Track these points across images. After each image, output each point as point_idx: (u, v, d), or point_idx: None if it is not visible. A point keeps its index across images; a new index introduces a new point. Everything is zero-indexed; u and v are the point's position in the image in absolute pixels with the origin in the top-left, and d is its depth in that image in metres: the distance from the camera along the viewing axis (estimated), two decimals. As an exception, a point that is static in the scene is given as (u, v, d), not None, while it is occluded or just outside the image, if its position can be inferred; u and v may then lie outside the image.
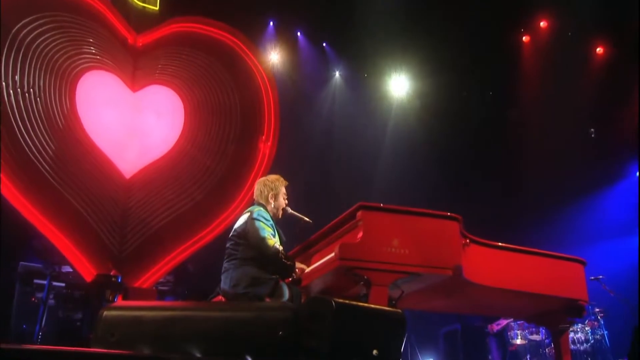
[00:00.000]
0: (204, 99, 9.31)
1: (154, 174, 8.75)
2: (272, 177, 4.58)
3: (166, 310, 3.04)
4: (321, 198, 9.89)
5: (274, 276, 4.08)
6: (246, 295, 3.95)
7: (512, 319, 8.16)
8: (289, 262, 4.10)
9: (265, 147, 9.34)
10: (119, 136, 8.65)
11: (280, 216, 4.52)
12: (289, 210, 4.66)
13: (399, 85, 11.75)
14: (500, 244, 4.61)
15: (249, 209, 4.41)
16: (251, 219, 4.19)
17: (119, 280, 7.02)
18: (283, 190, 4.52)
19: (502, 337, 8.42)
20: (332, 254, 3.89)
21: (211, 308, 3.17)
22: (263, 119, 9.55)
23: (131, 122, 8.82)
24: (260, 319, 2.91)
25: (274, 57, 10.83)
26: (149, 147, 8.88)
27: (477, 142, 10.71)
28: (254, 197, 4.58)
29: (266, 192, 4.46)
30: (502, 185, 10.52)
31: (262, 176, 5.87)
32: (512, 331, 8.23)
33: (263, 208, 4.36)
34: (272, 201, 4.44)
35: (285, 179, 4.63)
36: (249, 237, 4.13)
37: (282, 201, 4.50)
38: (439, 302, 5.02)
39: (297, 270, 4.28)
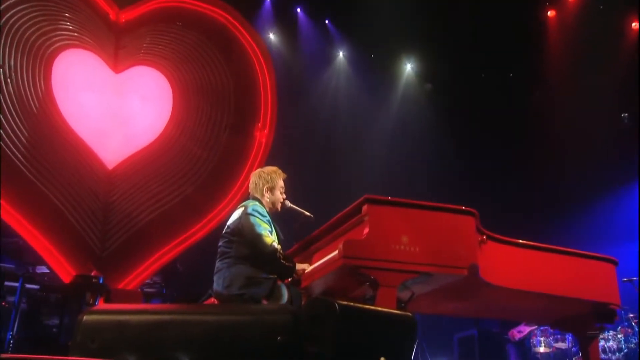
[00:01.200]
0: (194, 81, 9.32)
1: (139, 165, 8.77)
2: (269, 168, 4.59)
3: (153, 314, 3.06)
4: (323, 191, 9.89)
5: (271, 276, 4.08)
6: (241, 297, 3.95)
7: (535, 326, 8.16)
8: (288, 264, 4.11)
9: (262, 135, 9.36)
10: (100, 122, 8.66)
11: (278, 210, 4.52)
12: (288, 204, 4.66)
13: (409, 67, 11.73)
14: (520, 241, 4.61)
15: (243, 203, 4.41)
16: (245, 215, 4.19)
17: (101, 282, 7.06)
18: (280, 183, 4.52)
19: (523, 344, 8.43)
20: (335, 252, 3.89)
21: (203, 311, 3.19)
22: (259, 104, 9.56)
23: (113, 106, 8.83)
24: (257, 323, 2.93)
25: (271, 35, 10.82)
26: (134, 134, 8.89)
27: (495, 130, 10.70)
28: (249, 190, 4.58)
29: (261, 185, 4.46)
30: (523, 177, 10.52)
31: (258, 167, 5.86)
32: (535, 338, 8.22)
33: (258, 202, 4.36)
34: (267, 194, 4.45)
35: (283, 170, 4.64)
36: (244, 234, 4.13)
37: (279, 195, 4.50)
38: (453, 304, 5.03)
39: (297, 270, 4.28)
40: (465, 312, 5.68)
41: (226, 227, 4.36)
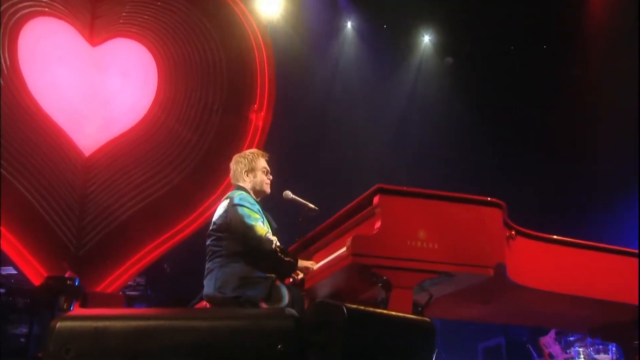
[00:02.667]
0: (181, 56, 9.31)
1: (119, 151, 8.78)
2: (247, 150, 4.66)
3: (137, 319, 3.06)
4: (329, 181, 9.92)
5: (269, 275, 4.09)
6: (236, 300, 3.96)
7: (577, 335, 8.15)
8: (287, 258, 4.11)
9: (258, 117, 9.35)
10: (74, 102, 8.67)
11: (267, 192, 4.50)
12: (290, 195, 4.67)
13: (427, 39, 11.69)
14: (555, 236, 4.61)
15: (228, 194, 4.43)
16: (232, 206, 4.21)
17: (76, 284, 7.08)
18: (261, 163, 4.53)
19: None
20: (343, 249, 3.91)
21: (193, 316, 3.19)
22: (255, 83, 9.55)
23: (90, 84, 8.83)
24: (255, 329, 2.94)
25: (269, 4, 10.77)
26: (113, 116, 8.90)
27: (525, 111, 10.67)
28: (231, 179, 4.60)
29: (239, 170, 4.50)
30: (556, 164, 10.49)
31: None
32: (572, 348, 8.23)
33: (244, 191, 4.37)
34: (248, 179, 4.47)
35: (284, 157, 4.66)
36: (233, 229, 4.14)
37: (263, 176, 4.50)
38: (477, 309, 5.04)
39: (301, 268, 4.31)
40: (491, 317, 5.70)
41: (212, 223, 4.37)
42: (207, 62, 9.36)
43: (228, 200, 4.31)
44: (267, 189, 4.53)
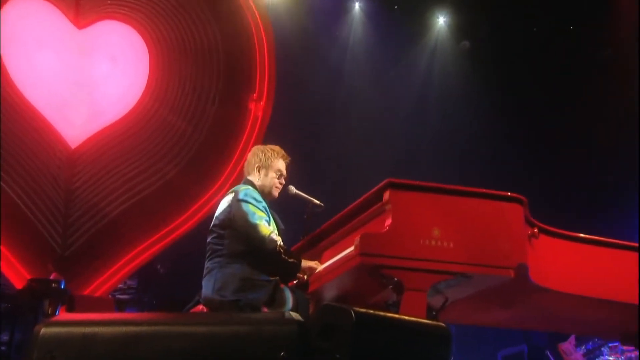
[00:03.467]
0: (175, 40, 9.31)
1: (109, 143, 8.79)
2: (270, 146, 4.63)
3: (128, 325, 3.08)
4: (336, 175, 9.93)
5: (272, 278, 4.11)
6: (236, 304, 3.98)
7: (599, 342, 8.14)
8: (291, 260, 4.12)
9: (258, 107, 9.35)
10: (59, 90, 8.68)
11: (275, 196, 4.52)
12: (293, 190, 4.69)
13: (441, 21, 11.67)
14: (581, 235, 4.60)
15: (234, 188, 4.44)
16: (237, 202, 4.22)
17: (62, 287, 7.09)
18: (277, 165, 4.53)
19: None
20: (351, 248, 3.91)
21: (189, 321, 3.20)
22: (254, 69, 9.54)
23: (76, 70, 8.83)
24: (256, 335, 2.95)
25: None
26: (102, 105, 8.91)
27: (549, 99, 10.63)
28: (244, 169, 4.62)
29: (253, 162, 4.51)
30: (583, 156, 10.44)
31: (254, 146, 5.86)
32: (602, 357, 8.20)
33: (251, 186, 4.38)
34: (258, 175, 4.48)
35: (286, 149, 4.66)
36: (236, 226, 4.15)
37: (274, 179, 4.51)
38: (496, 313, 5.04)
39: (304, 269, 4.31)
40: (511, 322, 5.70)
41: (214, 218, 4.39)
42: (202, 47, 9.35)
43: (233, 195, 4.31)
44: (275, 194, 4.54)
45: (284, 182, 4.57)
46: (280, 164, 4.54)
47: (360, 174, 9.32)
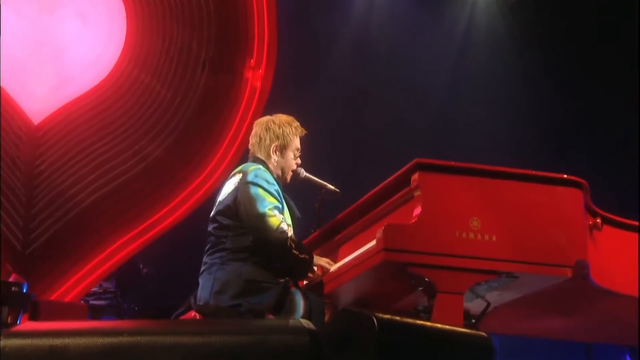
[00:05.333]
0: (158, -5, 9.29)
1: (79, 118, 8.76)
2: (282, 117, 4.62)
3: (105, 335, 3.07)
4: (353, 159, 9.92)
5: (281, 279, 4.13)
6: (237, 310, 4.00)
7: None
8: (303, 256, 4.15)
9: (255, 76, 9.32)
10: (19, 55, 8.67)
11: (287, 181, 4.55)
12: (304, 173, 4.71)
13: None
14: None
15: (240, 167, 4.47)
16: (245, 184, 4.23)
17: (24, 291, 7.12)
18: (296, 142, 4.56)
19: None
20: (373, 243, 3.91)
21: (179, 331, 3.19)
22: (251, 32, 9.50)
23: (39, 31, 8.82)
24: (261, 347, 2.95)
25: None
26: (70, 73, 8.89)
27: (615, 70, 10.53)
28: (249, 146, 4.63)
29: (268, 141, 4.50)
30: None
31: (251, 120, 5.85)
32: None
33: (263, 166, 4.40)
34: (275, 156, 4.49)
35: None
36: (241, 214, 4.18)
37: (292, 160, 4.54)
38: (549, 322, 5.03)
39: (317, 268, 4.34)
40: (568, 334, 5.67)
41: (218, 203, 4.42)
42: (189, 4, 9.33)
43: (240, 176, 4.34)
44: (289, 178, 4.58)
45: (299, 162, 4.61)
46: (298, 142, 4.58)
47: (383, 155, 9.33)
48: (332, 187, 4.73)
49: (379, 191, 4.29)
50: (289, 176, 4.56)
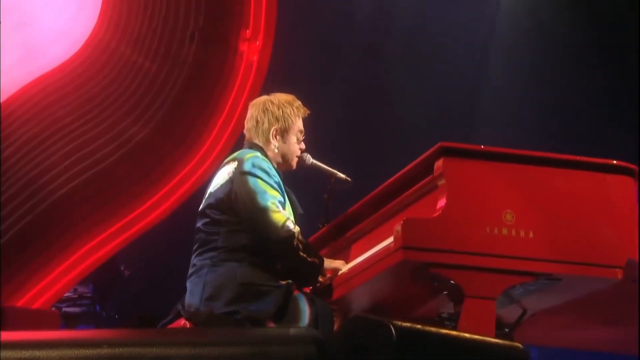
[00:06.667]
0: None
1: (50, 95, 8.79)
2: (281, 97, 4.64)
3: (81, 347, 3.09)
4: (366, 143, 9.92)
5: (283, 282, 4.13)
6: (232, 317, 4.01)
7: None
8: (312, 259, 4.15)
9: (252, 49, 9.31)
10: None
11: (292, 167, 4.56)
12: (310, 159, 4.74)
13: None
14: None
15: (235, 154, 4.48)
16: (240, 175, 4.24)
17: (-13, 297, 7.16)
18: (299, 124, 4.59)
19: None
20: (390, 240, 3.91)
21: (166, 341, 3.22)
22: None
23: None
24: (260, 359, 2.97)
25: None
26: (39, 43, 8.92)
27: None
28: (245, 131, 4.64)
29: (267, 124, 4.51)
30: None
31: (247, 100, 5.84)
32: None
33: (261, 153, 4.40)
34: (276, 141, 4.50)
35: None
36: (238, 209, 4.18)
37: (295, 145, 4.56)
38: (595, 332, 5.05)
39: (327, 271, 4.35)
40: (618, 346, 5.61)
41: (208, 196, 4.43)
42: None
43: (235, 164, 4.34)
44: (294, 164, 4.59)
45: (304, 147, 4.62)
46: (300, 123, 4.61)
47: (402, 139, 9.33)
48: (342, 175, 4.74)
49: (396, 180, 4.30)
50: (294, 162, 4.59)
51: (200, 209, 4.41)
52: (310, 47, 10.12)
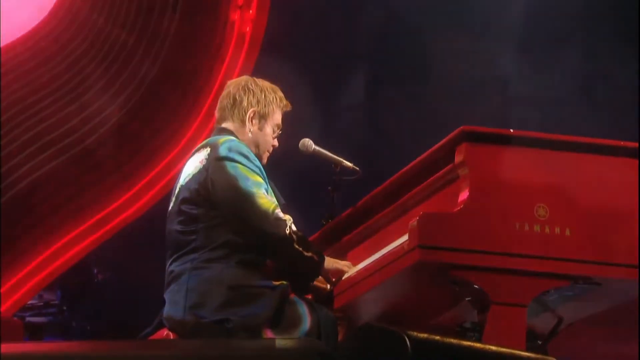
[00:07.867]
0: None
1: (11, 70, 8.80)
2: (265, 82, 4.67)
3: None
4: (377, 128, 9.92)
5: (278, 283, 4.13)
6: (223, 326, 3.99)
7: None
8: (309, 254, 4.13)
9: (245, 18, 9.32)
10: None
11: (264, 162, 4.55)
12: (312, 146, 4.79)
13: None
14: None
15: (207, 140, 4.51)
16: (216, 161, 4.25)
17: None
18: (278, 116, 4.61)
19: None
20: (404, 238, 3.93)
21: (148, 355, 3.23)
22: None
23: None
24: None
25: None
26: (6, 13, 8.92)
27: None
28: (217, 111, 4.70)
29: (245, 103, 4.54)
30: None
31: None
32: None
33: (236, 138, 4.43)
34: (251, 125, 4.52)
35: (293, 89, 4.68)
36: (217, 199, 4.18)
37: (270, 137, 4.59)
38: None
39: (330, 272, 4.35)
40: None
41: (180, 189, 4.43)
42: None
43: (208, 151, 4.35)
44: (265, 158, 4.61)
45: (277, 144, 4.63)
46: (279, 116, 4.62)
47: (418, 124, 9.33)
48: (349, 164, 4.74)
49: (412, 169, 4.32)
50: (265, 156, 4.58)
51: (170, 208, 4.40)
52: (310, 16, 10.11)
